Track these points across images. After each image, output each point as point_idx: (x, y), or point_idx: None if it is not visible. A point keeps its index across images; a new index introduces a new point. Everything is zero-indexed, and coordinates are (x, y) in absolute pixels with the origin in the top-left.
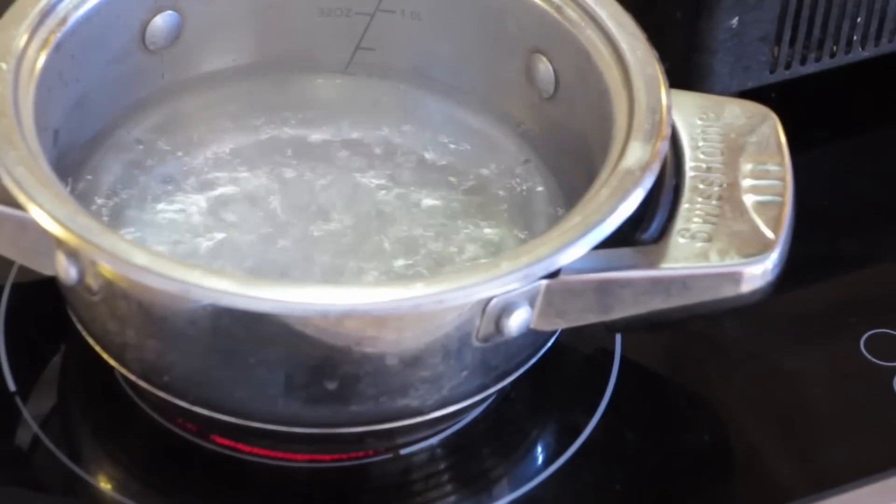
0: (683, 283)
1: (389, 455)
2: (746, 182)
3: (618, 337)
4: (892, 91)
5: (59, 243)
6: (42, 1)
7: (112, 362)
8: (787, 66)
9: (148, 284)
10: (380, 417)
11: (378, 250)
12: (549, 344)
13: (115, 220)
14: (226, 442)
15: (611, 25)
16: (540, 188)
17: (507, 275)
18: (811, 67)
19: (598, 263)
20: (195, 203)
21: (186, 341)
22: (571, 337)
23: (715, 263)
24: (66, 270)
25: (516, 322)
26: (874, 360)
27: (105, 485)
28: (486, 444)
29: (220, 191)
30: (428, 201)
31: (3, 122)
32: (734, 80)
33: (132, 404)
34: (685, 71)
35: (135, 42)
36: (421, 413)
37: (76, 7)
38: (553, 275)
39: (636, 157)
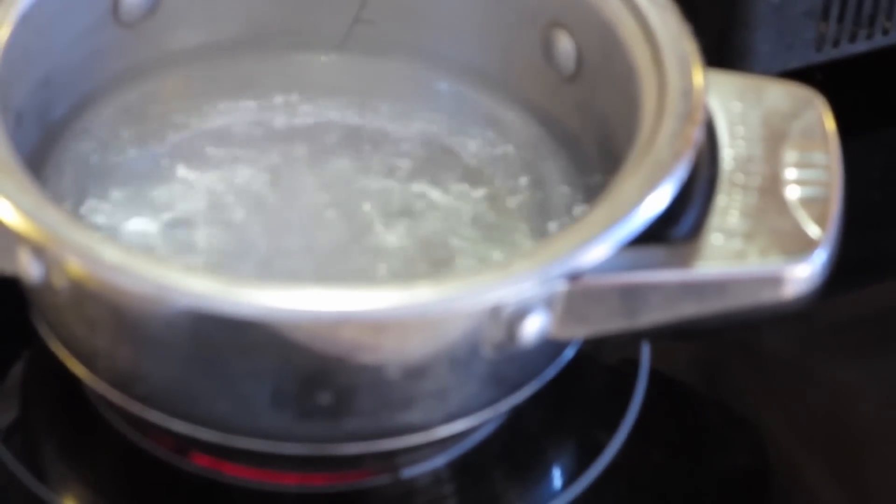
0: (719, 285)
1: (389, 477)
2: (789, 173)
3: (645, 346)
4: None
5: (22, 238)
6: None
7: (80, 371)
8: (836, 44)
9: (120, 285)
10: (379, 434)
11: (376, 248)
12: (569, 354)
13: (85, 213)
14: (206, 461)
15: None
16: (559, 179)
17: (522, 276)
18: (862, 46)
19: (624, 263)
20: (174, 194)
21: (163, 348)
22: (594, 346)
23: (754, 264)
24: (30, 269)
25: (532, 329)
26: None
27: None
28: (498, 465)
29: (201, 180)
30: (433, 194)
31: None
32: (776, 59)
33: (102, 418)
34: (722, 48)
35: (107, 14)
36: (425, 430)
37: None
38: (574, 276)
39: (667, 145)
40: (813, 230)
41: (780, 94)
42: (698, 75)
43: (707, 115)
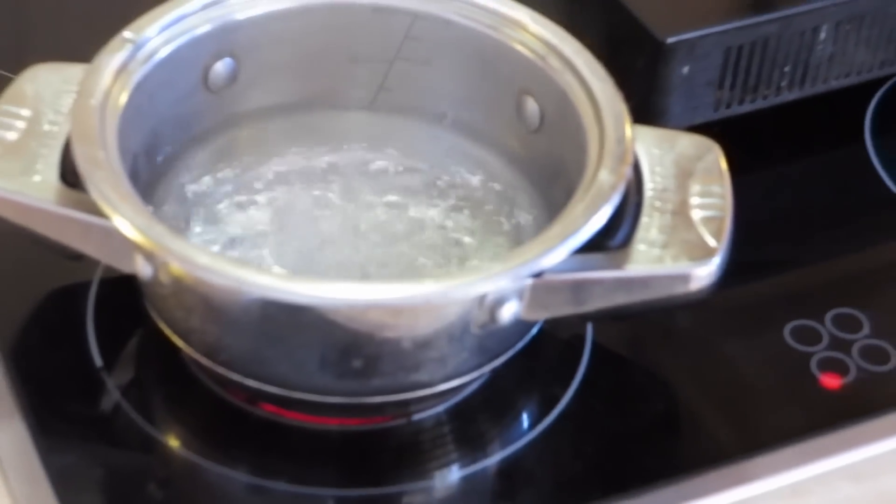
0: (643, 282)
1: (404, 420)
2: (694, 200)
3: (589, 325)
4: (811, 127)
5: (137, 247)
6: (124, 50)
7: (179, 343)
8: (728, 106)
9: (209, 280)
10: (396, 389)
11: (395, 254)
12: (534, 331)
13: (183, 228)
14: (271, 409)
15: (585, 71)
16: (527, 203)
17: (500, 275)
18: (747, 107)
19: (574, 265)
20: (247, 215)
21: (240, 327)
22: (552, 325)
23: (669, 266)
24: (143, 269)
25: (507, 313)
26: (796, 345)
27: (174, 443)
28: (483, 411)
29: (267, 206)
30: (436, 214)
31: (92, 148)
32: (685, 116)
33: (196, 377)
34: (645, 109)
35: (199, 83)
36: (430, 386)
37: (152, 54)
38: (538, 275)
39: (605, 179)
40: (711, 241)
41: (688, 143)
42: (628, 128)
43: (635, 157)
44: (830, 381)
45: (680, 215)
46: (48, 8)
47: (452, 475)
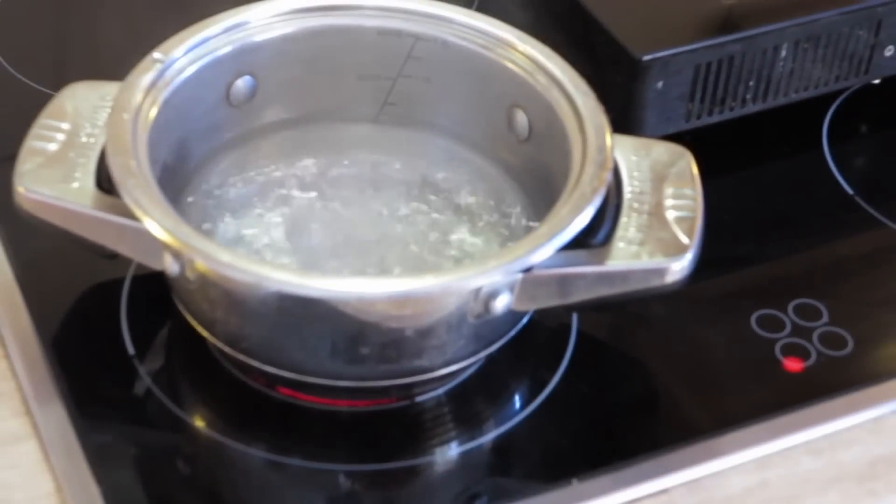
0: (623, 276)
1: (408, 402)
2: (668, 202)
3: (574, 315)
4: (774, 135)
5: (166, 246)
6: (154, 69)
7: (204, 333)
8: (698, 117)
9: (231, 276)
10: (401, 374)
11: (398, 252)
12: (524, 320)
13: (207, 229)
14: (288, 392)
15: (570, 87)
16: (518, 206)
17: (493, 270)
18: (716, 118)
19: (560, 261)
20: (264, 216)
21: (259, 318)
22: (540, 315)
23: (646, 261)
24: (171, 266)
25: (500, 304)
26: (761, 332)
27: (199, 423)
28: (479, 393)
29: (283, 209)
30: (435, 216)
31: (125, 158)
32: (659, 127)
33: (219, 364)
34: (624, 120)
35: (222, 99)
36: (431, 371)
37: (178, 73)
38: (527, 270)
39: (588, 184)
40: (684, 239)
41: (662, 150)
42: (608, 138)
43: (614, 163)
44: (793, 365)
45: (655, 215)
46: (85, 32)
47: (451, 451)
